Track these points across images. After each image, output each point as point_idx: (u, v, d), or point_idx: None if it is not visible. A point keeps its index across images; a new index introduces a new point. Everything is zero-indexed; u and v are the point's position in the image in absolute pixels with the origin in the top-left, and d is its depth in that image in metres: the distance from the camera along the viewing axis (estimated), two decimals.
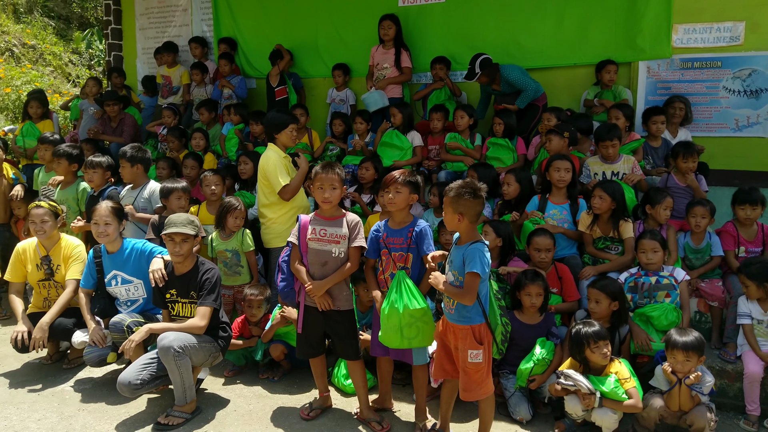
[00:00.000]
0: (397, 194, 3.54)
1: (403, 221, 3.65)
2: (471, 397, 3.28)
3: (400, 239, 3.62)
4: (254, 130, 6.63)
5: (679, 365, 3.44)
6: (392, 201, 3.55)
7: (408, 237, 3.59)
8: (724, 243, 4.49)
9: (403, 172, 3.64)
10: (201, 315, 3.79)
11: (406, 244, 3.60)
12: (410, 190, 3.55)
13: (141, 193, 5.04)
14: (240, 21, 7.95)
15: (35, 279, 4.49)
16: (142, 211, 5.01)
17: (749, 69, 5.83)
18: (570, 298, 4.33)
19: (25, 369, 4.53)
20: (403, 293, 3.46)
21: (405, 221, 3.65)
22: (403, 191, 3.54)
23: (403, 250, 3.60)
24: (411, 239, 3.59)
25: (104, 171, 5.24)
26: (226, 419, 3.79)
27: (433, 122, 6.12)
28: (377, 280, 3.71)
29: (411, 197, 3.57)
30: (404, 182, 3.54)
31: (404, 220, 3.65)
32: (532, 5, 6.51)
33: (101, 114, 7.59)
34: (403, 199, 3.55)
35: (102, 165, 5.21)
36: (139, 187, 5.10)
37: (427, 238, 3.59)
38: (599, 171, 5.01)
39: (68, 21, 14.39)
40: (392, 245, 3.63)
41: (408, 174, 3.61)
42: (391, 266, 3.60)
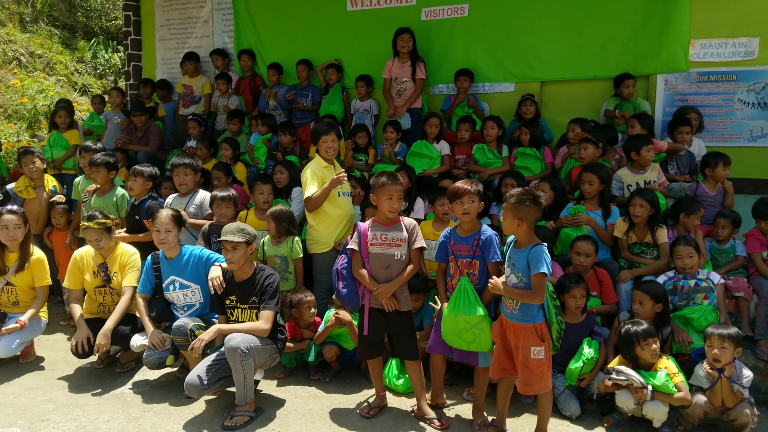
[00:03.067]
0: (472, 204, 3.73)
1: (471, 229, 3.83)
2: (532, 391, 3.47)
3: (466, 246, 3.80)
4: (282, 141, 6.79)
5: (717, 352, 3.64)
6: (468, 211, 3.73)
7: (474, 244, 3.77)
8: (751, 246, 4.74)
9: (473, 182, 3.82)
10: (265, 318, 3.94)
11: (472, 252, 3.78)
12: (479, 199, 3.75)
13: (191, 201, 5.18)
14: (261, 33, 8.11)
15: (92, 286, 4.61)
16: (194, 217, 5.15)
17: (763, 82, 6.11)
18: (609, 301, 4.54)
19: (79, 373, 4.63)
20: (461, 300, 3.65)
21: (473, 229, 3.83)
22: (476, 200, 3.73)
23: (469, 257, 3.78)
24: (477, 246, 3.77)
25: (145, 180, 5.34)
26: (288, 418, 3.94)
27: (460, 132, 6.33)
28: (446, 285, 3.88)
29: (481, 206, 3.78)
30: (477, 192, 3.73)
31: (472, 228, 3.83)
32: (552, 20, 6.75)
33: (127, 124, 7.71)
34: (476, 208, 3.74)
35: (144, 174, 5.33)
36: (188, 195, 5.23)
37: (492, 246, 3.76)
38: (632, 182, 5.23)
39: (73, 30, 14.44)
40: (459, 252, 3.82)
41: (476, 183, 3.81)
42: (458, 273, 3.78)
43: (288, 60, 7.84)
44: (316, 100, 7.51)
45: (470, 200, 3.72)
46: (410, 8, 7.34)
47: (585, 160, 5.35)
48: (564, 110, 6.75)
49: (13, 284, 4.70)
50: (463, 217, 3.77)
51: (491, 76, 7.11)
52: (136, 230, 5.22)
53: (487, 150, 6.11)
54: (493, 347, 3.74)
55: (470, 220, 3.78)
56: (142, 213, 5.23)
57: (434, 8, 7.25)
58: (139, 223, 5.22)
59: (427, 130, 6.31)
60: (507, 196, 3.48)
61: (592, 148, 5.29)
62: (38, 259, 4.77)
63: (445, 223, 4.81)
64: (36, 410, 3.98)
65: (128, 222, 5.36)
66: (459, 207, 3.76)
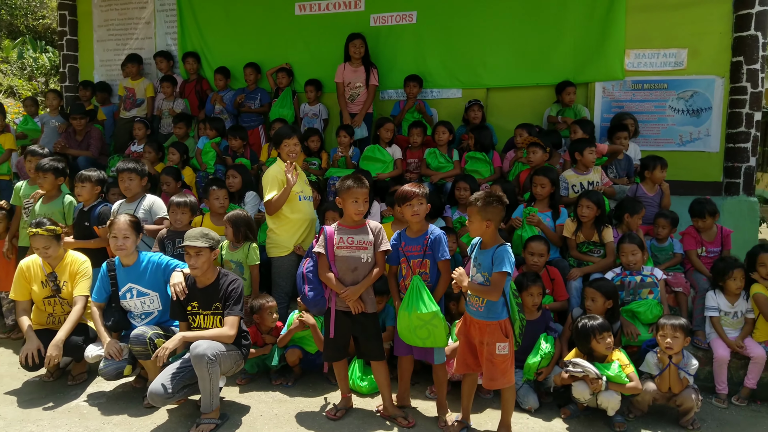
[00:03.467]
0: (421, 206, 3.84)
1: (420, 230, 3.95)
2: (497, 385, 3.60)
3: (417, 247, 3.91)
4: (232, 144, 6.73)
5: (669, 341, 3.89)
6: (417, 213, 3.85)
7: (424, 244, 3.89)
8: (687, 243, 5.08)
9: (420, 185, 3.94)
10: (230, 324, 3.91)
11: (422, 251, 3.89)
12: (427, 201, 3.89)
13: (140, 206, 5.05)
14: (207, 36, 7.99)
15: (41, 296, 4.42)
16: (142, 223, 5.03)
17: (691, 91, 6.56)
18: (560, 298, 4.75)
19: (28, 387, 4.44)
20: (414, 298, 3.75)
21: (422, 230, 3.95)
22: (424, 202, 3.85)
23: (420, 256, 3.89)
24: (427, 246, 3.89)
25: (93, 185, 5.17)
26: (255, 423, 3.92)
27: (412, 137, 6.45)
28: (399, 286, 3.97)
29: (428, 207, 3.92)
30: (424, 194, 3.86)
31: (421, 229, 3.95)
32: (497, 30, 6.99)
33: (65, 127, 7.42)
34: (424, 210, 3.86)
35: (92, 179, 5.15)
36: (136, 200, 5.10)
37: (442, 245, 3.89)
38: (576, 182, 5.49)
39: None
40: (410, 252, 3.92)
41: (425, 187, 3.94)
42: (410, 273, 3.88)
43: (235, 63, 7.78)
44: (265, 102, 7.48)
45: (419, 202, 3.84)
46: (359, 14, 7.43)
47: (533, 163, 5.57)
48: (509, 116, 7.01)
49: None
50: (412, 218, 3.89)
51: (439, 83, 7.28)
52: (85, 236, 5.05)
53: (439, 154, 6.26)
54: (447, 343, 3.88)
55: (419, 221, 3.90)
56: (93, 219, 5.06)
57: (383, 15, 7.36)
58: (88, 230, 5.05)
59: (382, 135, 6.39)
60: (473, 200, 3.59)
61: (540, 152, 5.52)
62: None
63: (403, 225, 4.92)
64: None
65: (77, 228, 5.17)
66: (408, 209, 3.88)
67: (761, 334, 4.41)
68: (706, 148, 6.57)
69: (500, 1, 6.97)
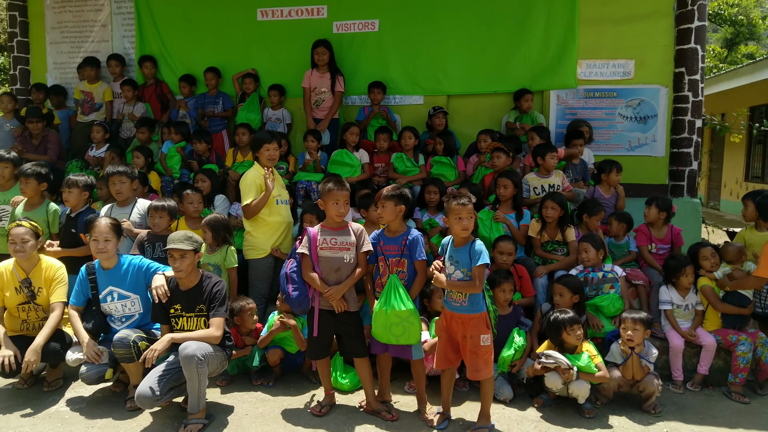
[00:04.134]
0: (383, 208, 4.04)
1: (398, 230, 4.13)
2: (481, 376, 3.79)
3: (395, 246, 4.09)
4: (198, 149, 6.72)
5: (630, 333, 4.19)
6: (380, 215, 4.06)
7: (402, 244, 4.06)
8: (639, 240, 5.45)
9: (390, 187, 4.12)
10: (216, 325, 3.97)
11: (400, 251, 4.07)
12: (395, 203, 4.03)
13: (134, 210, 5.00)
14: (167, 40, 7.92)
15: (15, 303, 4.33)
16: (138, 227, 5.02)
17: (638, 99, 7.00)
18: (528, 294, 5.01)
19: (2, 395, 4.35)
20: (391, 296, 3.91)
21: (399, 230, 4.13)
22: (387, 205, 4.02)
23: (398, 256, 4.06)
24: (405, 246, 4.06)
25: (81, 191, 5.10)
26: (242, 422, 3.98)
27: (379, 142, 6.62)
28: (374, 284, 4.15)
29: (398, 208, 4.05)
30: (387, 197, 4.03)
31: (398, 229, 4.13)
32: (457, 39, 7.26)
33: (20, 131, 7.22)
34: (389, 211, 4.04)
35: (79, 184, 5.08)
36: (129, 205, 5.06)
37: (419, 246, 4.08)
38: (537, 185, 5.79)
39: None
40: (388, 252, 4.09)
41: (392, 189, 4.11)
42: (388, 271, 4.04)
43: (195, 67, 7.76)
44: (228, 107, 7.49)
45: (381, 205, 4.06)
46: (322, 21, 7.55)
47: (497, 167, 5.84)
48: (469, 122, 7.30)
49: None
50: (379, 220, 4.14)
51: (402, 89, 7.49)
52: (71, 244, 4.97)
53: (405, 158, 6.45)
54: (420, 340, 4.05)
55: (387, 221, 4.10)
56: (80, 226, 4.99)
57: (345, 22, 7.51)
58: (74, 237, 4.98)
59: (348, 139, 6.53)
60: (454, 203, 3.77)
61: (504, 156, 5.79)
62: None
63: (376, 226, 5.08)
64: None
65: (63, 235, 5.09)
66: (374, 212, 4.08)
67: (711, 324, 4.79)
68: (653, 152, 7.03)
69: (460, 12, 7.24)
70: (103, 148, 7.03)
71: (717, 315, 4.78)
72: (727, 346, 4.61)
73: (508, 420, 4.08)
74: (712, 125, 8.58)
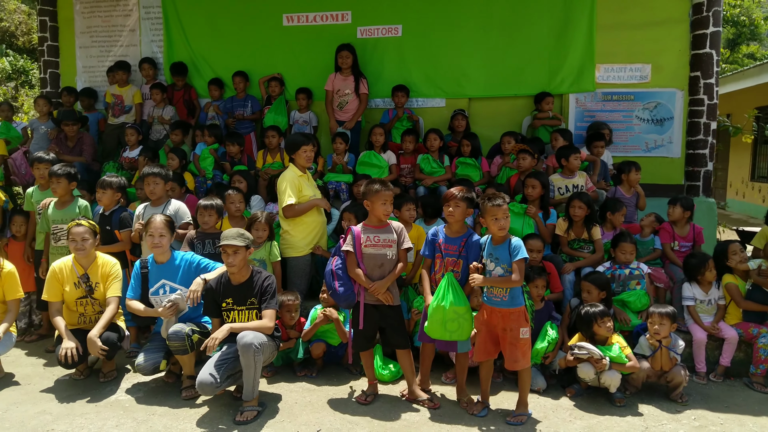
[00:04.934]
0: (456, 208, 4.20)
1: (459, 231, 4.31)
2: (519, 366, 4.02)
3: (454, 246, 4.27)
4: (231, 150, 6.95)
5: (657, 327, 4.42)
6: (452, 214, 4.21)
7: (461, 245, 4.25)
8: (662, 237, 5.68)
9: (462, 189, 4.29)
10: (269, 317, 4.20)
11: (458, 252, 4.25)
12: (467, 205, 4.23)
13: (166, 210, 5.24)
14: (194, 45, 8.15)
15: (73, 297, 4.56)
16: None
17: (655, 102, 7.23)
18: (556, 290, 5.23)
19: (61, 386, 4.57)
20: (449, 293, 4.09)
21: (460, 231, 4.31)
22: (461, 205, 4.21)
23: (455, 256, 4.25)
24: (463, 248, 4.25)
25: (114, 191, 5.33)
26: (293, 410, 4.21)
27: (405, 144, 6.86)
28: (430, 279, 4.34)
29: (467, 211, 4.25)
30: (462, 198, 4.21)
31: (460, 230, 4.31)
32: (478, 44, 7.50)
33: (56, 134, 7.45)
34: (461, 212, 4.22)
35: (113, 185, 5.31)
36: (161, 205, 5.27)
37: (477, 249, 4.23)
38: (562, 185, 6.02)
39: None
40: (447, 251, 4.28)
41: (465, 191, 4.27)
42: (443, 269, 4.25)
43: (222, 72, 8.00)
44: (256, 109, 7.72)
45: (455, 205, 4.21)
46: (346, 26, 7.78)
47: (522, 168, 6.07)
48: (489, 124, 7.54)
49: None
50: (449, 218, 4.28)
51: (423, 92, 7.72)
52: (106, 242, 5.19)
53: (431, 160, 6.68)
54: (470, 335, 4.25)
55: (455, 221, 4.27)
56: (114, 224, 5.22)
57: (369, 27, 7.74)
58: (109, 234, 5.20)
59: (374, 140, 6.77)
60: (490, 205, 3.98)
61: (530, 158, 6.02)
62: (9, 272, 4.65)
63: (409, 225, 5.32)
64: (34, 422, 3.94)
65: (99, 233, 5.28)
66: (446, 210, 4.25)
67: (732, 317, 5.01)
68: (669, 154, 7.26)
69: (480, 18, 7.48)
70: (136, 150, 7.26)
71: (739, 309, 5.01)
72: (749, 339, 4.84)
73: (544, 408, 4.31)
74: (725, 127, 8.81)
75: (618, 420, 4.14)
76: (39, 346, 5.45)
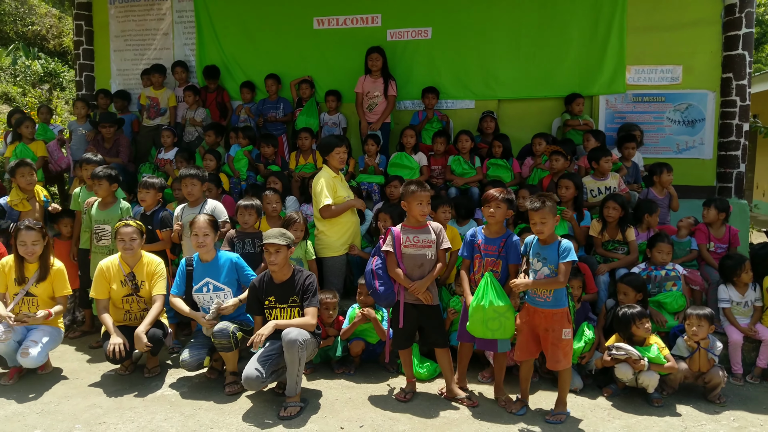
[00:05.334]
0: (498, 209, 4.26)
1: (498, 232, 4.37)
2: (560, 366, 4.06)
3: (493, 247, 4.33)
4: (265, 152, 7.07)
5: (695, 329, 4.44)
6: (493, 215, 4.27)
7: (500, 246, 4.31)
8: (699, 238, 5.69)
9: (502, 190, 4.34)
10: (311, 314, 4.29)
11: (497, 252, 4.31)
12: (507, 206, 4.28)
13: (203, 210, 5.35)
14: (226, 48, 8.28)
15: (120, 295, 4.70)
16: None
17: (686, 103, 7.22)
18: (591, 291, 5.26)
19: (107, 380, 4.70)
20: (489, 292, 4.14)
21: (500, 232, 4.37)
22: (502, 207, 4.26)
23: (495, 256, 4.31)
24: (503, 248, 4.31)
25: (156, 192, 5.47)
26: (334, 406, 4.29)
27: (436, 145, 6.93)
28: (469, 279, 4.41)
29: (508, 212, 4.30)
30: (503, 199, 4.27)
31: (499, 231, 4.37)
32: (507, 45, 7.54)
33: (93, 135, 7.62)
34: (501, 213, 4.28)
35: (155, 186, 5.45)
36: (198, 205, 5.39)
37: (517, 250, 4.29)
38: (594, 187, 6.05)
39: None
40: (486, 251, 4.34)
41: (506, 192, 4.33)
42: (482, 269, 4.31)
43: (254, 74, 8.12)
44: (287, 111, 7.83)
45: (497, 206, 4.27)
46: (376, 29, 7.86)
47: (555, 170, 6.11)
48: (518, 125, 7.57)
49: (33, 294, 4.69)
50: (489, 219, 4.33)
51: (453, 94, 7.78)
52: (147, 240, 5.31)
53: (462, 161, 6.74)
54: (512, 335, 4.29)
55: (495, 222, 4.33)
56: (155, 223, 5.35)
57: (399, 30, 7.81)
58: (150, 233, 5.33)
59: (405, 141, 6.85)
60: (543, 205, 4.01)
61: (563, 159, 6.06)
62: (59, 270, 4.79)
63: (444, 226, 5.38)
64: (86, 415, 4.07)
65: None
66: (486, 211, 4.31)
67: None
68: (701, 155, 7.24)
69: (510, 20, 7.51)
70: (172, 151, 7.41)
71: None
72: None
73: (582, 407, 4.35)
74: (756, 128, 8.76)
75: (657, 420, 4.17)
76: (83, 342, 5.60)
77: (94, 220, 5.48)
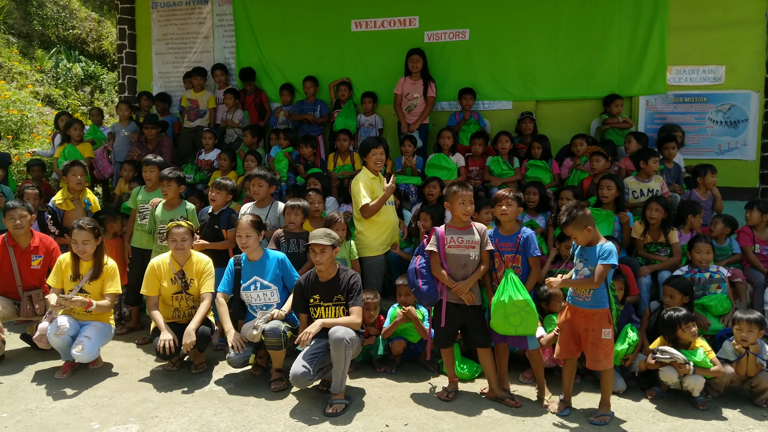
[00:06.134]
0: (509, 207, 4.34)
1: (513, 229, 4.44)
2: (600, 367, 4.06)
3: (510, 244, 4.40)
4: (304, 152, 7.17)
5: (744, 334, 4.39)
6: (505, 213, 4.36)
7: (517, 242, 4.37)
8: (742, 240, 5.62)
9: (510, 189, 4.43)
10: (357, 313, 4.36)
11: (515, 248, 4.37)
12: (517, 204, 4.38)
13: (271, 211, 5.43)
14: (265, 51, 8.43)
15: (170, 292, 4.83)
16: (273, 228, 5.49)
17: (729, 104, 7.12)
18: (633, 293, 5.23)
19: (156, 376, 4.83)
20: (508, 287, 4.19)
21: (513, 229, 4.44)
22: (513, 204, 4.35)
23: (513, 252, 4.38)
24: (519, 244, 4.37)
25: (227, 193, 5.58)
26: (378, 404, 4.35)
27: (474, 146, 6.95)
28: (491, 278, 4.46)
29: (518, 209, 4.40)
30: (513, 197, 4.35)
31: (513, 228, 4.44)
32: (545, 46, 7.55)
33: (137, 137, 7.82)
34: (513, 210, 4.36)
35: (227, 187, 5.56)
36: (266, 207, 5.52)
37: (533, 242, 4.37)
38: (637, 188, 6.01)
39: (29, 39, 14.05)
40: (504, 249, 4.40)
41: (515, 191, 4.42)
42: (503, 266, 4.36)
43: (292, 77, 8.27)
44: (324, 113, 7.93)
45: (507, 204, 4.35)
46: (413, 31, 7.94)
47: (596, 170, 6.09)
48: (556, 126, 7.57)
49: (87, 292, 4.83)
50: (502, 218, 4.40)
51: (490, 95, 7.81)
52: (214, 239, 5.47)
53: (501, 162, 6.75)
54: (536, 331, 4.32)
55: (508, 220, 4.39)
56: (222, 223, 5.49)
57: (437, 32, 7.88)
58: (217, 233, 5.48)
59: (442, 143, 6.89)
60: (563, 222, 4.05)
61: (603, 160, 6.03)
62: (111, 268, 4.93)
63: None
64: (138, 409, 4.19)
65: (207, 231, 5.55)
66: (498, 209, 4.41)
67: None
68: (743, 156, 7.14)
69: (548, 20, 7.51)
70: (213, 152, 7.56)
71: None
72: None
73: (625, 409, 4.33)
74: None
75: (703, 423, 4.13)
76: (130, 338, 5.74)
77: (159, 220, 5.61)
